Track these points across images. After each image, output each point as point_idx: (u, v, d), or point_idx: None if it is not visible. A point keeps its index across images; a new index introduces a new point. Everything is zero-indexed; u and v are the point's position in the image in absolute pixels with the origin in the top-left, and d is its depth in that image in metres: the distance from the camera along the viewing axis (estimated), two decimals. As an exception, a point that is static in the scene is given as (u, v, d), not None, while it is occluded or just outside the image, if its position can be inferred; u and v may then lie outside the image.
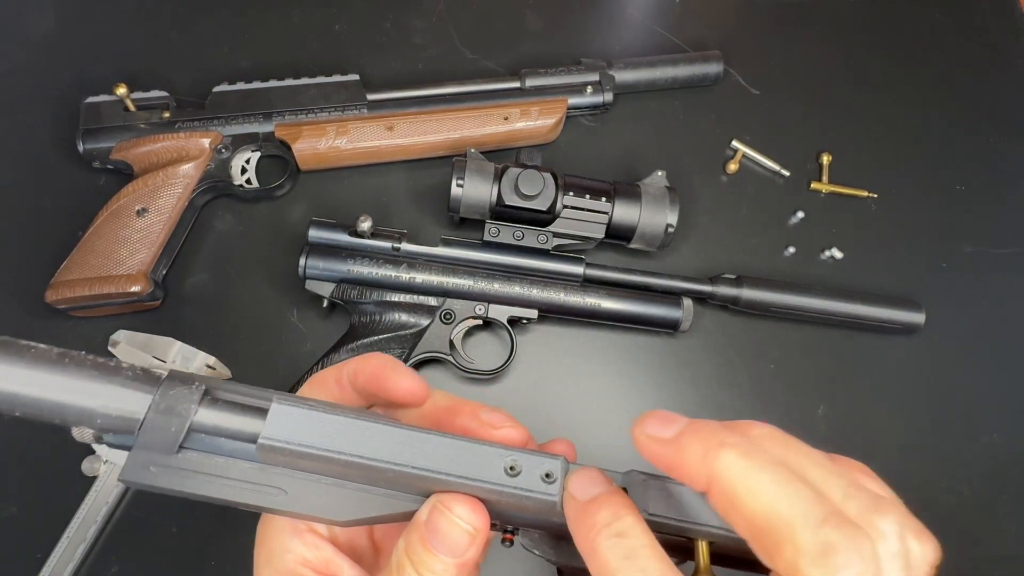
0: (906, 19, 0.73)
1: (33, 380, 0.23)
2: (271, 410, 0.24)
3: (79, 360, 0.24)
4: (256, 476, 0.25)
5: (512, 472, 0.25)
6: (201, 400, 0.25)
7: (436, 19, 0.69)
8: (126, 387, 0.24)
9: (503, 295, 0.55)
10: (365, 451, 0.24)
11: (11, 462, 0.54)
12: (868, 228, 0.65)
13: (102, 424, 0.24)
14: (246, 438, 0.25)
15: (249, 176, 0.61)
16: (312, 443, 0.24)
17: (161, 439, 0.24)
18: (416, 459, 0.25)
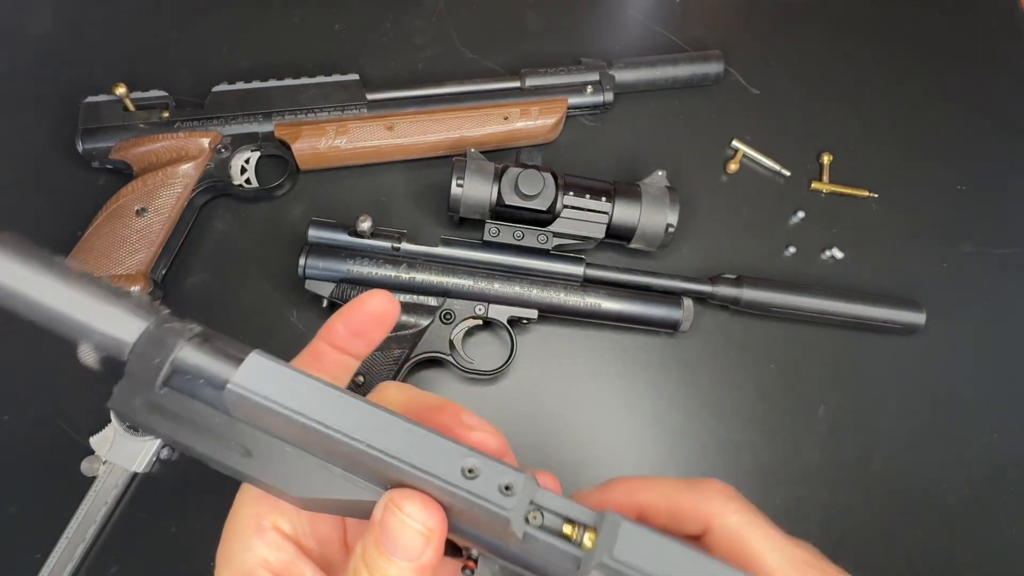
0: (906, 19, 0.73)
1: (41, 285, 0.24)
2: (247, 359, 0.24)
3: (88, 277, 0.24)
4: (225, 430, 0.25)
5: (469, 475, 0.23)
6: (190, 339, 0.25)
7: (436, 19, 0.69)
8: (126, 311, 0.24)
9: (503, 295, 0.55)
10: (327, 418, 0.23)
11: (11, 462, 0.54)
12: (868, 228, 0.65)
13: (98, 342, 0.24)
14: (220, 384, 0.24)
15: (249, 176, 0.61)
16: (276, 398, 0.23)
17: (146, 371, 0.24)
18: (374, 438, 0.23)
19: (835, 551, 0.58)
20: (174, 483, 0.54)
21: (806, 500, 0.57)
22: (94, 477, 0.52)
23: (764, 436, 0.58)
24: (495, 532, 0.24)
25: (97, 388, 0.54)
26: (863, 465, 0.58)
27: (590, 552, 0.23)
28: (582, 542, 0.23)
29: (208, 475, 0.57)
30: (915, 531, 0.57)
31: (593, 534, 0.23)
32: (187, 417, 0.25)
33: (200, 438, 0.25)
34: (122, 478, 0.52)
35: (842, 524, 0.56)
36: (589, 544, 0.23)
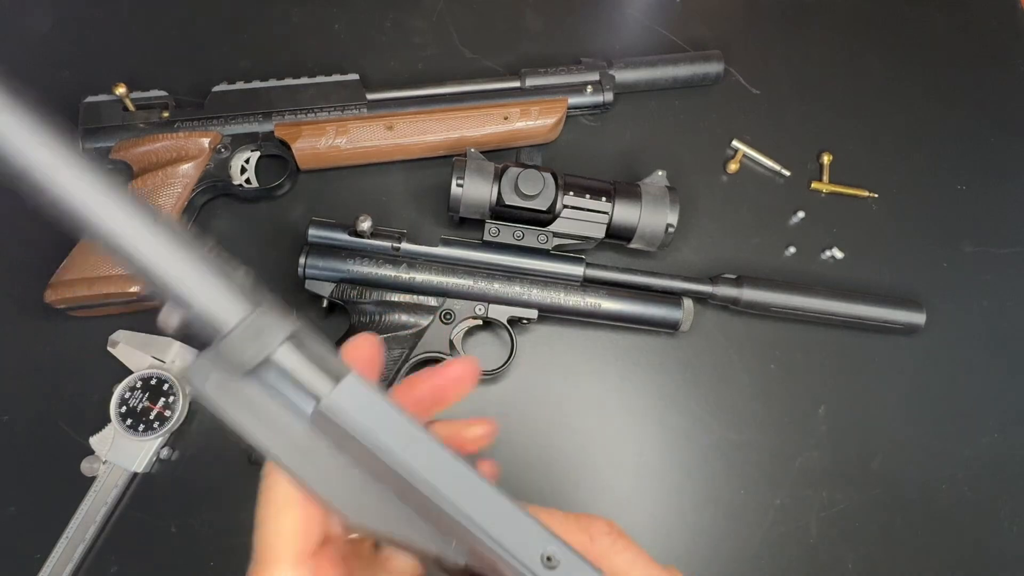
0: (906, 19, 0.73)
1: (153, 245, 0.23)
2: (346, 379, 0.23)
3: (198, 244, 0.24)
4: (298, 436, 0.24)
5: (549, 564, 0.22)
6: (288, 339, 0.24)
7: (436, 19, 0.69)
8: (229, 292, 0.23)
9: (503, 295, 0.55)
10: (416, 466, 0.23)
11: (11, 462, 0.54)
12: (869, 228, 0.65)
13: (193, 315, 0.23)
14: (309, 395, 0.24)
15: (249, 176, 0.61)
16: (367, 431, 0.23)
17: (234, 357, 0.23)
18: (461, 499, 0.23)
19: (835, 551, 0.58)
20: (174, 483, 0.54)
21: (806, 500, 0.57)
22: (94, 477, 0.52)
23: (764, 436, 0.58)
24: None
25: (97, 388, 0.54)
26: (863, 465, 0.58)
27: None
28: None
29: (208, 475, 0.57)
30: (915, 531, 0.57)
31: None
32: (259, 410, 0.24)
33: (266, 432, 0.24)
34: (122, 478, 0.52)
35: (842, 524, 0.56)
36: None
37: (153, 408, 0.53)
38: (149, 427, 0.53)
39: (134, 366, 0.55)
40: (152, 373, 0.54)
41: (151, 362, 0.55)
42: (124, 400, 0.53)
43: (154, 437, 0.53)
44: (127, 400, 0.53)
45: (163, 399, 0.53)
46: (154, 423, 0.53)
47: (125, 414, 0.53)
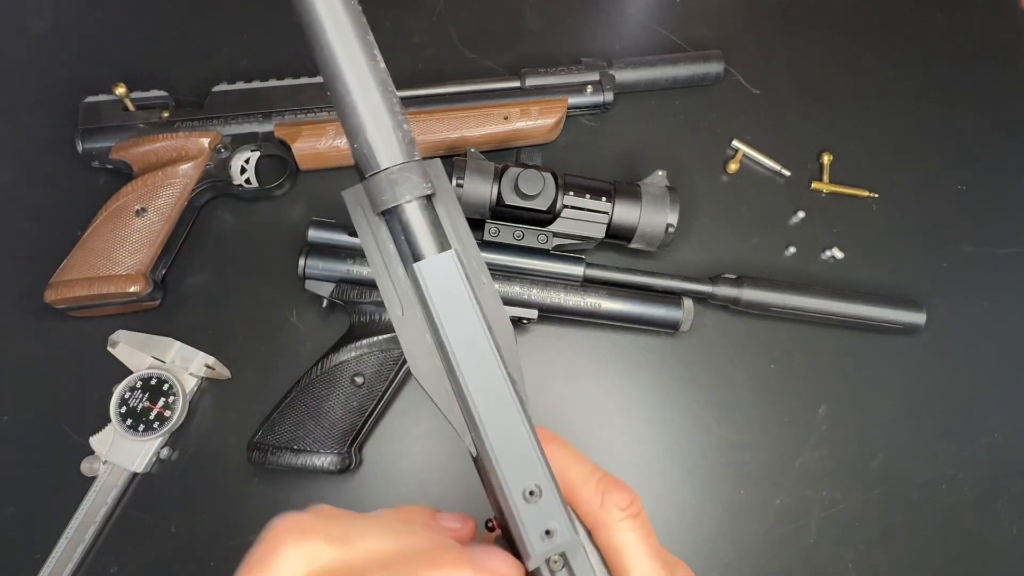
0: (906, 19, 0.73)
1: (360, 80, 0.26)
2: (444, 254, 0.27)
3: (388, 89, 0.26)
4: (399, 281, 0.27)
5: (529, 496, 0.24)
6: (419, 198, 0.27)
7: (436, 19, 0.69)
8: (395, 138, 0.26)
9: (503, 295, 0.55)
10: (461, 357, 0.26)
11: (11, 462, 0.54)
12: (869, 228, 0.65)
13: (358, 147, 0.26)
14: (412, 254, 0.27)
15: (248, 176, 0.61)
16: (439, 308, 0.26)
17: (375, 196, 0.27)
18: (484, 406, 0.25)
19: (835, 551, 0.58)
20: (174, 483, 0.54)
21: (806, 500, 0.57)
22: (94, 477, 0.52)
23: (764, 436, 0.58)
24: (517, 546, 0.25)
25: (97, 388, 0.54)
26: (863, 465, 0.58)
27: None
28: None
29: (208, 475, 0.57)
30: (915, 531, 0.57)
31: None
32: (383, 250, 0.28)
33: (381, 273, 0.28)
34: (122, 478, 0.52)
35: (842, 524, 0.56)
36: None
37: (153, 408, 0.53)
38: (149, 427, 0.53)
39: (134, 366, 0.55)
40: (152, 373, 0.54)
41: (151, 362, 0.55)
42: (124, 400, 0.53)
43: (154, 437, 0.53)
44: (127, 400, 0.53)
45: (163, 399, 0.53)
46: (154, 423, 0.53)
47: (125, 414, 0.53)
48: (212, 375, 0.56)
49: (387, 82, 0.26)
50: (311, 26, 0.25)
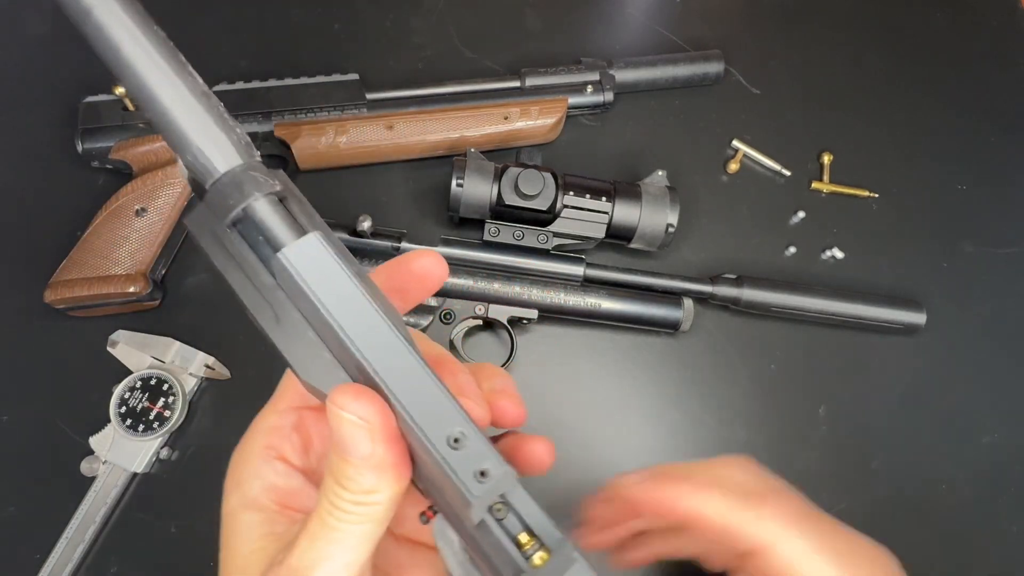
0: (907, 19, 0.73)
1: (171, 90, 0.25)
2: (305, 237, 0.25)
3: (211, 98, 0.25)
4: (267, 291, 0.26)
5: (454, 444, 0.23)
6: (268, 194, 0.26)
7: (436, 18, 0.69)
8: (226, 142, 0.25)
9: (503, 295, 0.55)
10: (351, 330, 0.24)
11: (10, 462, 0.54)
12: (869, 228, 0.65)
13: (189, 161, 0.25)
14: (274, 248, 0.25)
15: (248, 176, 0.61)
16: (312, 287, 0.24)
17: (221, 206, 0.25)
18: (385, 369, 0.23)
19: (835, 551, 0.58)
20: (174, 483, 0.54)
21: (806, 500, 0.57)
22: (94, 477, 0.52)
23: (764, 436, 0.58)
24: (456, 504, 0.24)
25: (97, 388, 0.54)
26: (863, 465, 0.58)
27: (534, 570, 0.23)
28: (531, 557, 0.23)
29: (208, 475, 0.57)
30: (915, 531, 0.57)
31: (546, 555, 0.23)
32: (241, 263, 0.26)
33: (245, 287, 0.25)
34: (122, 478, 0.52)
35: (842, 524, 0.56)
36: (538, 562, 0.23)
37: (153, 408, 0.53)
38: (149, 427, 0.53)
39: (134, 366, 0.55)
40: (152, 373, 0.54)
41: (151, 362, 0.55)
42: (124, 400, 0.53)
43: (154, 437, 0.53)
44: (127, 400, 0.53)
45: (163, 399, 0.53)
46: (154, 423, 0.53)
47: (125, 414, 0.53)
48: (212, 375, 0.56)
49: (208, 94, 0.26)
50: (115, 61, 0.25)
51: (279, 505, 0.27)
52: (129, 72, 0.25)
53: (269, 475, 0.28)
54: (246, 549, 0.26)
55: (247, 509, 0.27)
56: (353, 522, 0.24)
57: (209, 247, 0.25)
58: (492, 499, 0.23)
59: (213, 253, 0.25)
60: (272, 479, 0.28)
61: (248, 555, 0.26)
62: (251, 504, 0.27)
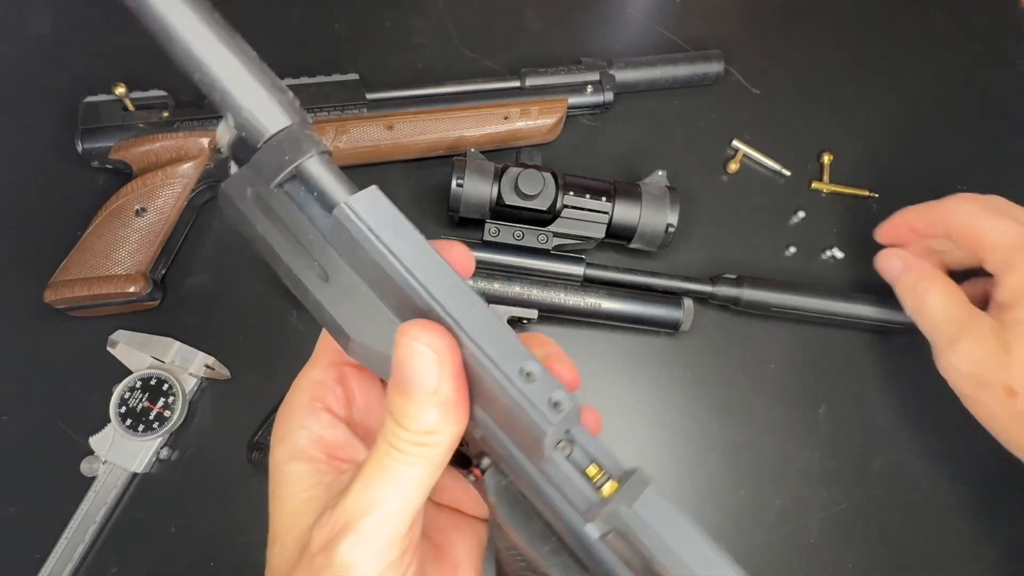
0: (907, 19, 0.73)
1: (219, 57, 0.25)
2: (368, 189, 0.25)
3: (259, 61, 0.26)
4: (315, 249, 0.25)
5: (527, 377, 0.23)
6: (321, 153, 0.25)
7: (436, 18, 0.69)
8: (278, 103, 0.25)
9: (503, 295, 0.55)
10: (420, 274, 0.23)
11: (10, 462, 0.54)
12: (869, 228, 0.64)
13: (242, 121, 0.25)
14: (331, 203, 0.25)
15: (248, 176, 0.61)
16: (380, 234, 0.24)
17: (271, 166, 0.25)
18: (457, 311, 0.23)
19: (835, 551, 0.58)
20: (174, 483, 0.54)
21: (806, 500, 0.57)
22: (94, 477, 0.52)
23: (764, 436, 0.58)
24: (525, 442, 0.24)
25: (97, 388, 0.54)
26: (863, 465, 0.58)
27: (604, 500, 0.23)
28: (601, 488, 0.23)
29: (208, 475, 0.57)
30: (915, 531, 0.57)
31: (615, 485, 0.23)
32: (286, 223, 0.25)
33: (289, 247, 0.25)
34: (122, 478, 0.52)
35: (842, 524, 0.56)
36: (607, 492, 0.23)
37: (153, 408, 0.53)
38: (149, 427, 0.53)
39: (134, 366, 0.55)
40: (152, 373, 0.54)
41: (151, 362, 0.55)
42: (124, 400, 0.53)
43: (154, 437, 0.53)
44: (127, 400, 0.53)
45: (163, 399, 0.53)
46: (154, 423, 0.53)
47: (125, 414, 0.53)
48: (212, 375, 0.56)
49: (260, 60, 0.26)
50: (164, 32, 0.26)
51: (326, 455, 0.27)
52: (181, 38, 0.25)
53: (315, 426, 0.28)
54: (296, 499, 0.26)
55: (295, 459, 0.27)
56: (411, 463, 0.23)
57: (250, 211, 0.25)
58: (563, 432, 0.23)
59: (253, 217, 0.25)
60: (318, 430, 0.28)
61: (299, 504, 0.26)
62: (298, 454, 0.27)
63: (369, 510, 0.24)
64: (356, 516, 0.24)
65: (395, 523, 0.24)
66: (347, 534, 0.23)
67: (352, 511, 0.24)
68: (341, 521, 0.24)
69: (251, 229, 0.26)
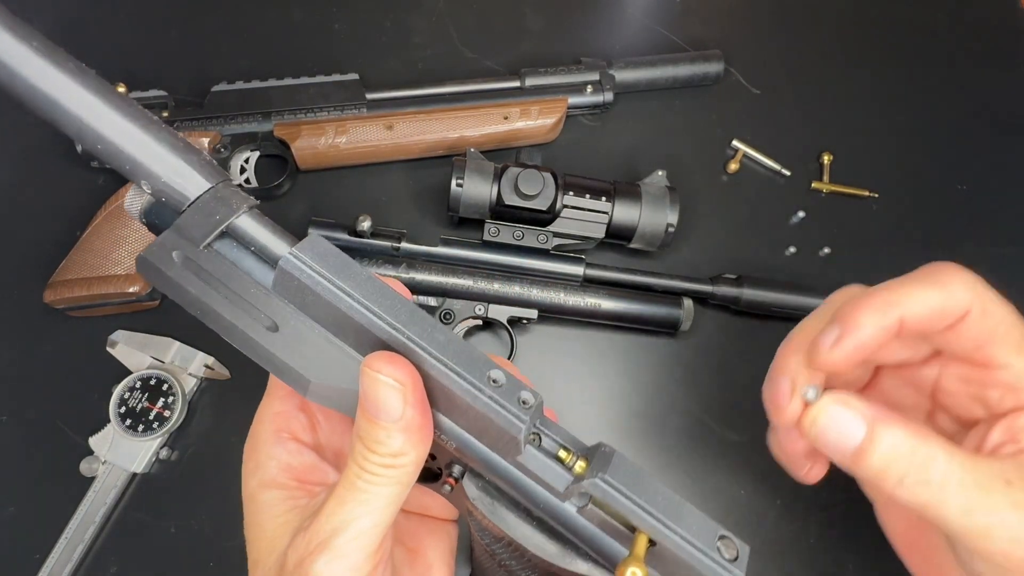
0: (907, 19, 0.73)
1: (120, 128, 0.24)
2: (310, 236, 0.25)
3: (163, 127, 0.25)
4: (258, 301, 0.25)
5: (494, 384, 0.24)
6: (249, 209, 0.26)
7: (436, 18, 0.69)
8: (195, 167, 0.25)
9: (503, 295, 0.55)
10: (375, 306, 0.24)
11: (10, 462, 0.54)
12: (869, 228, 0.64)
13: (161, 190, 0.25)
14: (271, 258, 0.25)
15: (248, 176, 0.61)
16: (331, 278, 0.24)
17: (197, 228, 0.25)
18: (417, 333, 0.24)
19: (835, 551, 0.58)
20: (173, 483, 0.54)
21: (806, 500, 0.57)
22: (93, 477, 0.52)
23: (764, 436, 0.58)
24: (500, 442, 0.25)
25: (97, 388, 0.54)
26: (863, 465, 0.58)
27: (579, 477, 0.25)
28: (573, 467, 0.26)
29: (208, 475, 0.57)
30: (915, 531, 0.56)
31: (585, 462, 0.26)
32: (221, 281, 0.25)
33: (228, 304, 0.25)
34: (121, 478, 0.52)
35: (842, 524, 0.56)
36: (579, 470, 0.25)
37: (152, 408, 0.53)
38: (148, 427, 0.53)
39: (133, 366, 0.55)
40: (151, 373, 0.54)
41: (150, 362, 0.55)
42: (123, 400, 0.53)
43: (153, 437, 0.53)
44: (126, 400, 0.53)
45: (162, 399, 0.53)
46: (153, 423, 0.53)
47: (124, 414, 0.53)
48: (211, 375, 0.56)
49: (160, 122, 0.26)
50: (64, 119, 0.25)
51: (297, 481, 0.29)
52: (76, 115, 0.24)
53: (283, 455, 0.29)
54: (272, 524, 0.28)
55: (267, 488, 0.28)
56: (381, 484, 0.25)
57: (180, 275, 0.25)
58: (533, 426, 0.25)
59: (186, 281, 0.25)
60: (287, 459, 0.29)
61: (274, 528, 0.27)
62: (270, 483, 0.28)
63: (343, 528, 0.25)
64: (330, 534, 0.25)
65: (367, 539, 0.25)
66: (322, 551, 0.25)
67: (326, 530, 0.25)
68: (316, 540, 0.25)
69: (184, 294, 0.25)
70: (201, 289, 0.25)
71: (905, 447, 0.27)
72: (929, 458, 0.26)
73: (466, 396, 0.24)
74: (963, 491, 0.26)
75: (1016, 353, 0.30)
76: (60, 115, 0.24)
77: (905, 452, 0.27)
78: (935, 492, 0.26)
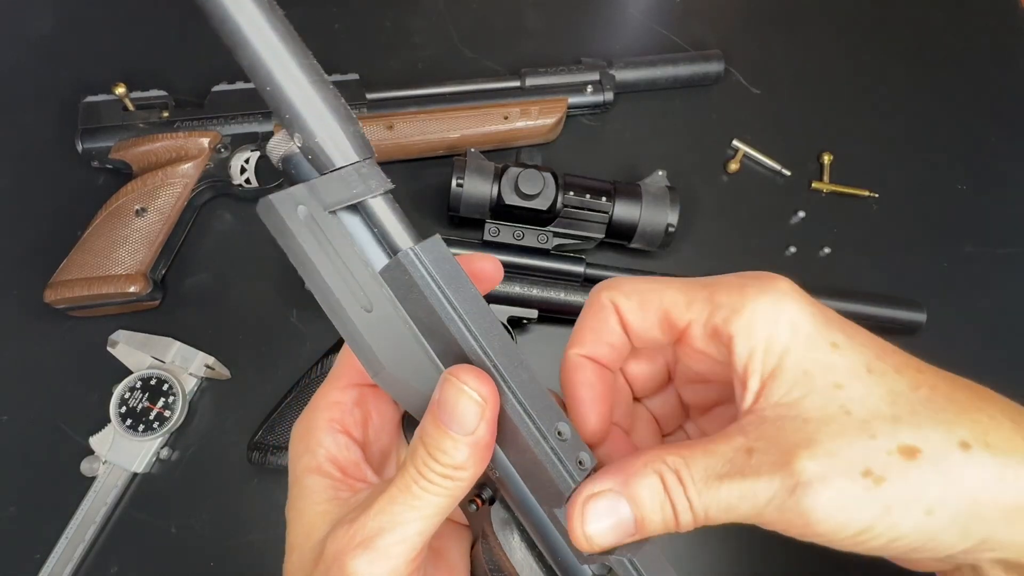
0: (907, 18, 0.73)
1: (294, 77, 0.25)
2: (433, 238, 0.26)
3: (332, 89, 0.26)
4: (363, 280, 0.26)
5: (559, 436, 0.25)
6: (385, 193, 0.26)
7: (436, 18, 0.69)
8: (350, 138, 0.26)
9: (503, 295, 0.55)
10: (474, 326, 0.25)
11: (11, 462, 0.54)
12: (869, 227, 0.64)
13: (311, 147, 0.25)
14: (389, 244, 0.26)
15: (248, 176, 0.61)
16: (443, 286, 0.25)
17: (332, 194, 0.25)
18: (506, 367, 0.25)
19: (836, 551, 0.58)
20: (174, 483, 0.54)
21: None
22: (94, 477, 0.52)
23: (764, 436, 0.58)
24: (544, 490, 0.26)
25: (97, 388, 0.54)
26: (863, 465, 0.58)
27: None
28: None
29: (208, 475, 0.57)
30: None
31: None
32: (335, 249, 0.26)
33: (333, 271, 0.26)
34: (122, 478, 0.52)
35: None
36: None
37: (153, 408, 0.53)
38: (149, 427, 0.53)
39: (134, 366, 0.55)
40: (152, 373, 0.54)
41: (151, 362, 0.55)
42: (124, 400, 0.53)
43: (154, 437, 0.53)
44: (127, 400, 0.53)
45: (163, 399, 0.53)
46: (154, 423, 0.53)
47: (125, 414, 0.53)
48: (212, 375, 0.56)
49: (335, 89, 0.26)
50: (248, 57, 0.25)
51: (341, 473, 0.29)
52: (259, 55, 0.25)
53: (332, 446, 0.29)
54: (313, 511, 0.28)
55: (314, 473, 0.28)
56: (436, 493, 0.25)
57: (299, 230, 0.26)
58: None
59: (302, 236, 0.26)
60: (335, 450, 0.29)
61: (313, 516, 0.28)
62: (316, 469, 0.28)
63: (389, 529, 0.25)
64: (375, 532, 0.25)
65: (411, 544, 0.25)
66: (364, 549, 0.25)
67: (372, 527, 0.25)
68: (359, 536, 0.25)
69: (296, 246, 0.26)
70: (313, 248, 0.26)
71: (658, 488, 0.25)
72: (681, 479, 0.25)
73: (529, 439, 0.25)
74: (721, 489, 0.24)
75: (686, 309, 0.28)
76: (242, 46, 0.24)
77: (664, 489, 0.25)
78: (721, 506, 0.24)
